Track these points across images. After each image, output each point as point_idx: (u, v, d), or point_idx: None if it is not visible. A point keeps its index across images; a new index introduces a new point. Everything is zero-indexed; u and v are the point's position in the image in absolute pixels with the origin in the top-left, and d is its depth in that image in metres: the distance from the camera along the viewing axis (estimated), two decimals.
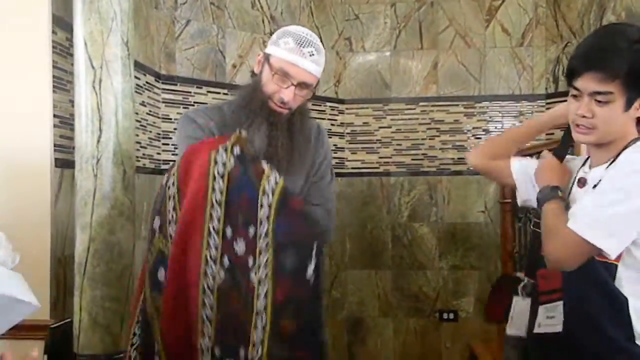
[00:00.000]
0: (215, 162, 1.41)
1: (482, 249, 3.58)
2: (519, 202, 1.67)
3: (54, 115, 1.98)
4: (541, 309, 1.45)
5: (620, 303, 1.33)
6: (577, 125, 1.38)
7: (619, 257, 1.33)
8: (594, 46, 1.36)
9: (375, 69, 3.70)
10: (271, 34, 1.93)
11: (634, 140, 1.37)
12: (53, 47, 1.98)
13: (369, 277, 3.66)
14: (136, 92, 2.32)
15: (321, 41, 1.64)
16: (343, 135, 3.69)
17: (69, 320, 1.92)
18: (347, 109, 3.70)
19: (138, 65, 2.38)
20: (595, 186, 1.36)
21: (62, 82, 2.02)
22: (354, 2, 3.70)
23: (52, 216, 1.95)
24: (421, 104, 3.65)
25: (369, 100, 3.69)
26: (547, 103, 3.54)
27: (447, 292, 3.61)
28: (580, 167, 1.49)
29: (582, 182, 1.44)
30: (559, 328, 1.39)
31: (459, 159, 3.60)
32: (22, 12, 1.97)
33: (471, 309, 3.58)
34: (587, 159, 1.49)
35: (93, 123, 1.88)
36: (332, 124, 3.65)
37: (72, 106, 1.98)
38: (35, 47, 1.96)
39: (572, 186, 1.48)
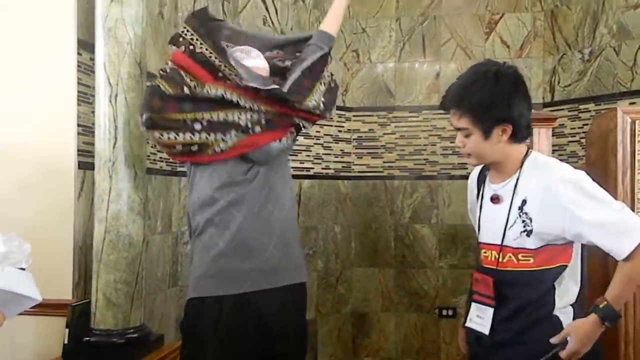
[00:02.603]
0: None
1: None
2: None
3: (78, 125, 2.26)
4: (474, 306, 1.62)
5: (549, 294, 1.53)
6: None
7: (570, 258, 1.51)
8: (454, 88, 1.56)
9: (380, 79, 3.92)
10: None
11: (526, 156, 1.56)
12: (78, 66, 2.26)
13: (373, 275, 3.88)
14: None
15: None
16: (350, 141, 3.93)
17: (87, 300, 2.21)
18: (353, 116, 3.93)
19: None
20: (521, 206, 1.51)
21: (86, 96, 2.30)
22: (361, 16, 3.93)
23: (75, 211, 2.24)
24: (424, 112, 3.86)
25: (375, 109, 3.91)
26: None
27: (446, 290, 3.80)
28: (482, 184, 1.66)
29: (496, 199, 1.59)
30: (486, 330, 1.56)
31: (459, 164, 3.80)
32: (52, 36, 2.26)
33: None
34: (482, 172, 1.68)
35: (110, 132, 2.15)
36: (340, 131, 3.90)
37: (94, 116, 2.27)
38: (64, 67, 2.25)
39: (481, 201, 1.64)
